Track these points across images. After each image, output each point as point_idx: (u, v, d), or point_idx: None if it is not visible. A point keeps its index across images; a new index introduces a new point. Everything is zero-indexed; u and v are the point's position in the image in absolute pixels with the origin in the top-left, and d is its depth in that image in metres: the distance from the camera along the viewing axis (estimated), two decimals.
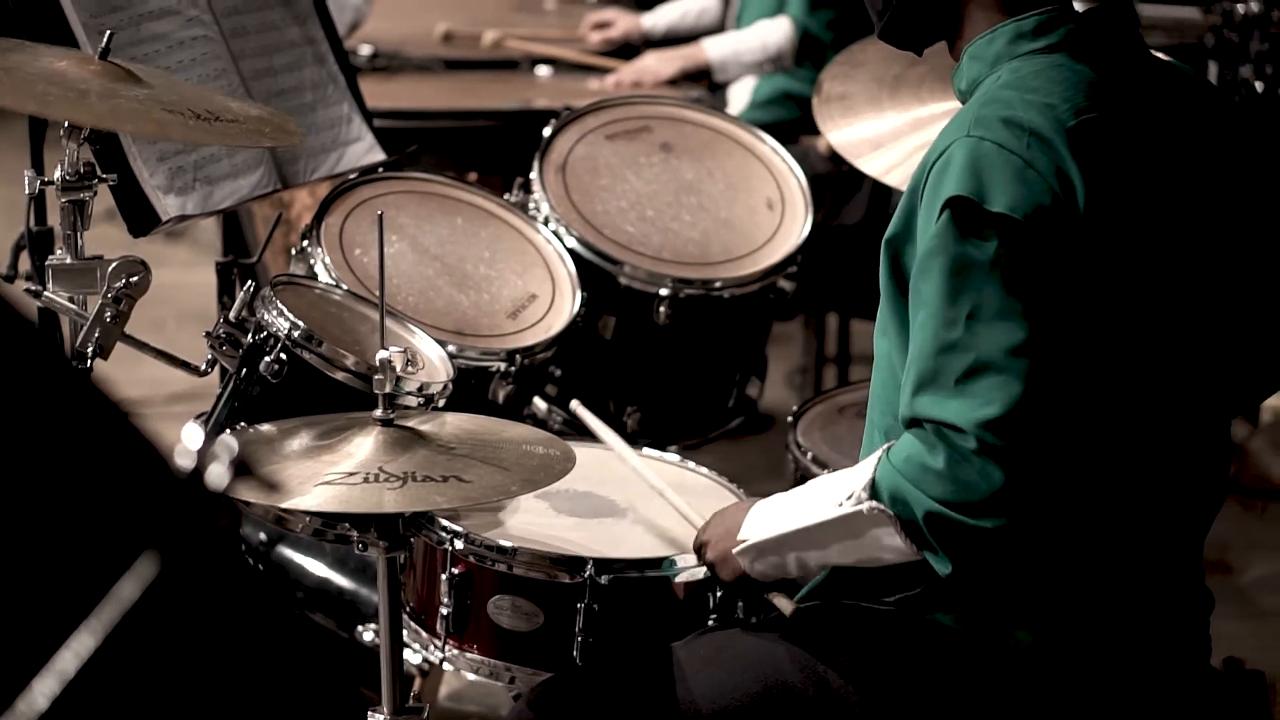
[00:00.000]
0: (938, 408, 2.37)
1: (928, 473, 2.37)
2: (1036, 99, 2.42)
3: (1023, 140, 2.38)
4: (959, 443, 2.34)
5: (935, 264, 2.38)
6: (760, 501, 2.69)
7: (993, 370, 2.35)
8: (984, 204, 2.35)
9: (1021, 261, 2.35)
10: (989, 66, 2.53)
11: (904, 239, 2.50)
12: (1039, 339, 2.35)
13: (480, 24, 5.61)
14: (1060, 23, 2.51)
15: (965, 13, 2.57)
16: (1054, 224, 2.36)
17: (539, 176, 3.71)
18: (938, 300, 2.38)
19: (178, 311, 5.93)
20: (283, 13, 3.51)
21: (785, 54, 4.98)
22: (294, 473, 2.63)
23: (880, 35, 2.70)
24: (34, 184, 3.07)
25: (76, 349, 2.92)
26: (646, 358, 3.67)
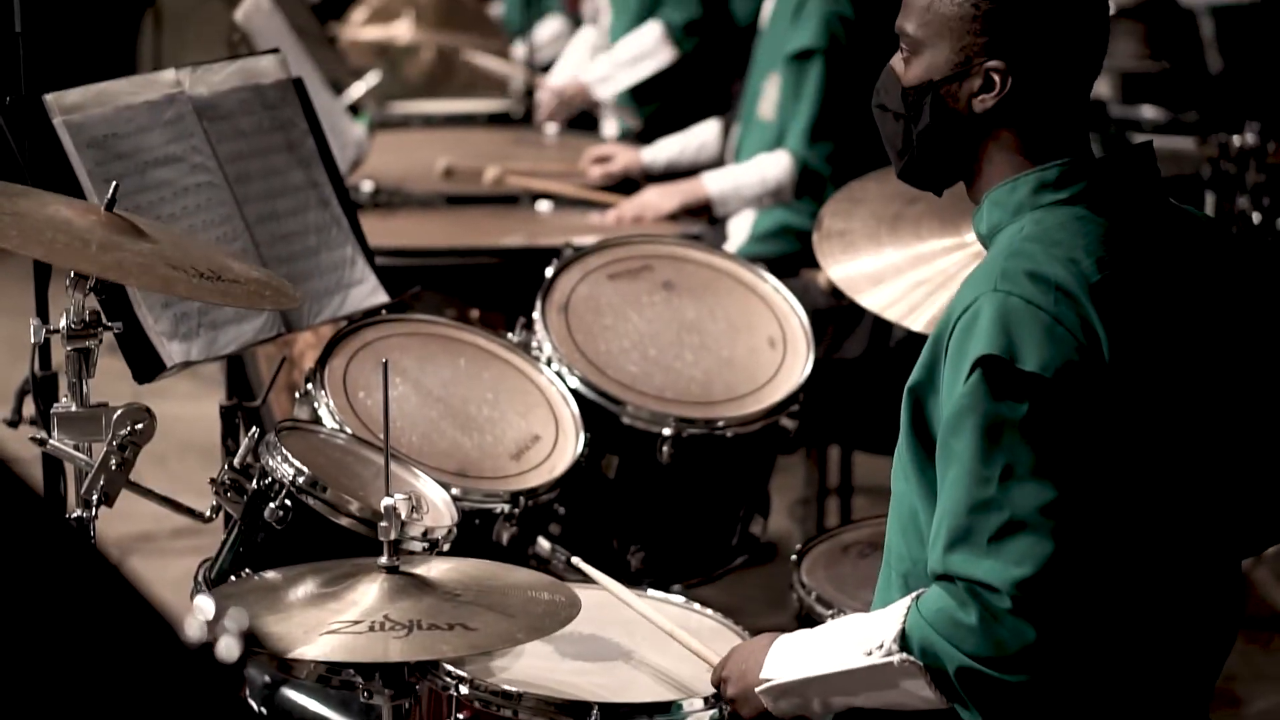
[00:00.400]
0: (971, 566, 2.38)
1: (960, 628, 2.38)
2: (1060, 253, 2.44)
3: (1050, 296, 2.40)
4: (993, 602, 2.36)
5: (967, 423, 2.40)
6: (781, 638, 2.69)
7: (1027, 530, 2.36)
8: (1015, 363, 2.36)
9: (1053, 420, 2.37)
10: (1011, 215, 2.55)
11: (927, 388, 2.52)
12: (1070, 496, 2.37)
13: (481, 159, 5.64)
14: (1082, 174, 2.54)
15: (984, 156, 2.60)
16: (1082, 379, 2.38)
17: (541, 317, 3.72)
18: (970, 459, 2.40)
19: (179, 445, 5.94)
20: (287, 158, 3.54)
21: (785, 188, 5.00)
22: (299, 621, 2.63)
23: (900, 175, 2.72)
24: (39, 332, 3.08)
25: (82, 496, 2.92)
26: (650, 497, 3.68)
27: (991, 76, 2.54)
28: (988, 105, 2.56)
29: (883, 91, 2.69)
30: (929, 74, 2.59)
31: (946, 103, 2.59)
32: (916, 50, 2.60)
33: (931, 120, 2.60)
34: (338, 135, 4.62)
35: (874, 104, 2.71)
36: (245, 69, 3.54)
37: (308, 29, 6.19)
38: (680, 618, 3.16)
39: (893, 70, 2.66)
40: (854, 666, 2.51)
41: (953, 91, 2.58)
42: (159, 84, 3.40)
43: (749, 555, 3.86)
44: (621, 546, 3.68)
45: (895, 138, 2.68)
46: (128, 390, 3.22)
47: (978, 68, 2.55)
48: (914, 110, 2.62)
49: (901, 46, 2.64)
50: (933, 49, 2.58)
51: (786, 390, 3.74)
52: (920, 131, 2.62)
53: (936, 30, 2.57)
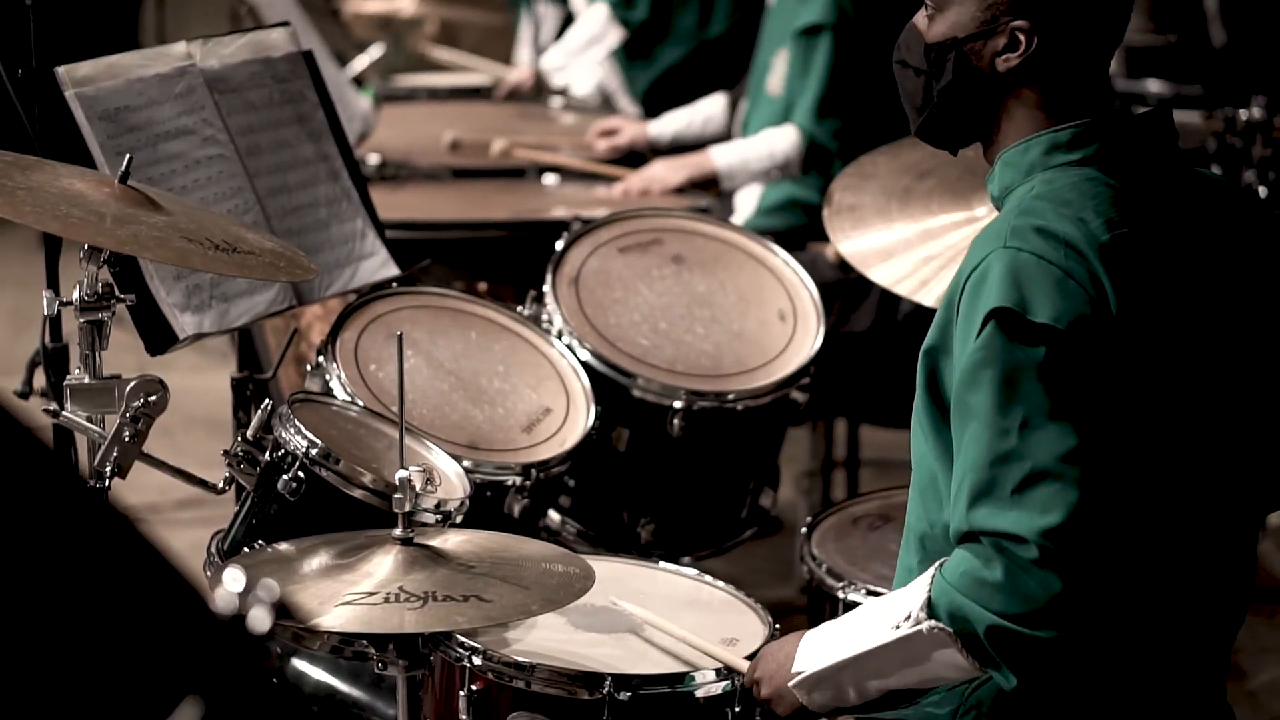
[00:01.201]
0: (996, 519, 2.38)
1: (986, 586, 2.38)
2: (1069, 212, 2.44)
3: (1060, 251, 2.40)
4: (1020, 553, 2.36)
5: (984, 375, 2.40)
6: (809, 632, 2.69)
7: (1050, 478, 2.36)
8: (1027, 314, 2.37)
9: (1068, 369, 2.38)
10: (1022, 175, 2.56)
11: (940, 350, 2.52)
12: (1090, 445, 2.37)
13: (487, 132, 5.63)
14: (1096, 135, 2.54)
15: (1005, 115, 2.60)
16: (1094, 332, 2.38)
17: (552, 290, 3.73)
18: (989, 410, 2.40)
19: (184, 417, 5.94)
20: (297, 130, 3.54)
21: (792, 162, 5.01)
22: (313, 592, 2.64)
23: (917, 132, 2.71)
24: (52, 305, 3.09)
25: (95, 468, 2.93)
26: (660, 470, 3.68)
27: (1017, 35, 2.54)
28: (1011, 64, 2.56)
29: (904, 48, 2.68)
30: (953, 31, 2.59)
31: (970, 60, 2.58)
32: (941, 7, 2.60)
33: (954, 78, 2.60)
34: (344, 108, 4.62)
35: (894, 60, 2.70)
36: (256, 42, 3.54)
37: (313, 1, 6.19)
38: (692, 590, 3.17)
39: (915, 27, 2.66)
40: (884, 642, 2.50)
41: (976, 49, 2.58)
42: (170, 56, 3.40)
43: (758, 527, 3.87)
44: (632, 519, 3.69)
45: (915, 94, 2.67)
46: (133, 362, 3.23)
47: (1003, 26, 2.55)
48: (936, 67, 2.61)
49: (926, 3, 2.64)
50: (958, 6, 2.58)
51: (797, 363, 3.74)
52: (942, 88, 2.62)
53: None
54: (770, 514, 3.89)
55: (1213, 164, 5.02)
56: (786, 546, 5.18)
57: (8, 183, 2.82)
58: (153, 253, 2.81)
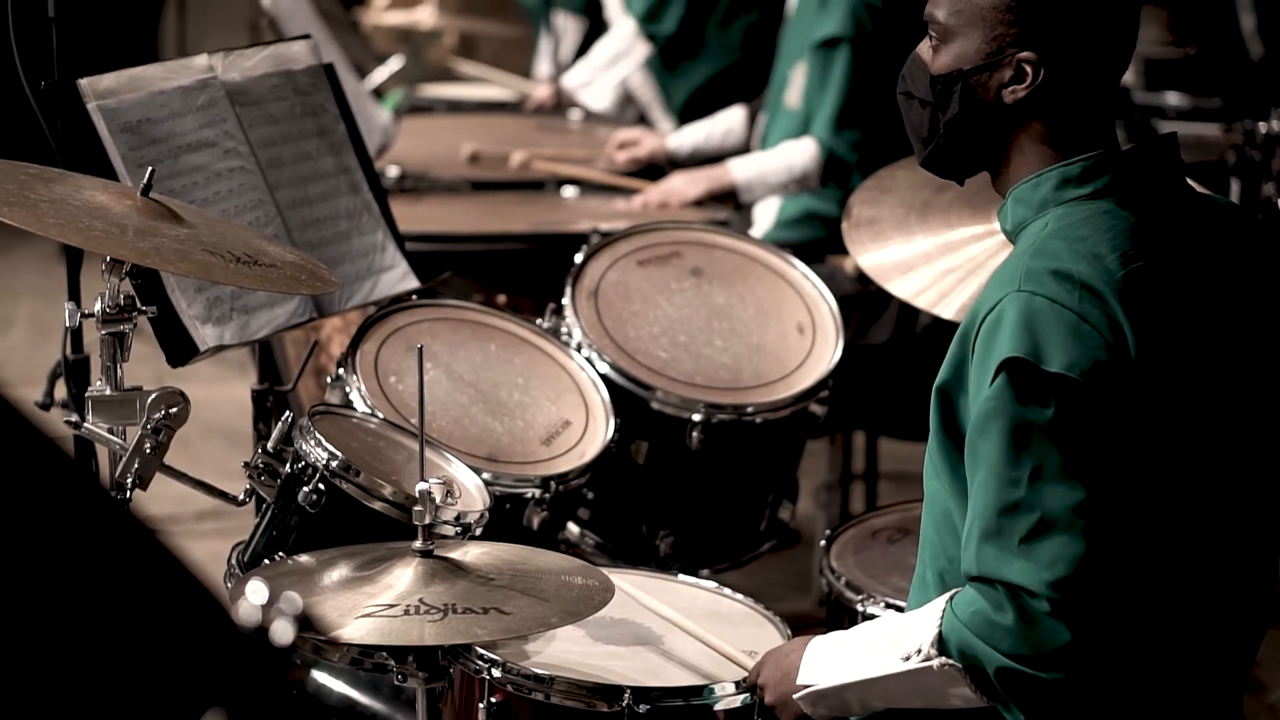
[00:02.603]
0: (1004, 568, 2.39)
1: (996, 629, 2.39)
2: (1085, 249, 2.43)
3: (1074, 294, 2.39)
4: (1029, 603, 2.38)
5: (994, 426, 2.40)
6: (815, 640, 2.69)
7: (1057, 530, 2.37)
8: (1041, 364, 2.36)
9: (1080, 420, 2.37)
10: (1035, 211, 2.55)
11: (955, 386, 2.52)
12: (1100, 495, 2.37)
13: (506, 144, 5.64)
14: (1106, 168, 2.53)
15: (1012, 147, 2.59)
16: (1110, 377, 2.37)
17: (571, 302, 3.73)
18: (998, 461, 2.40)
19: (203, 428, 5.95)
20: (318, 143, 3.55)
21: (810, 175, 5.01)
22: (334, 604, 2.64)
23: (923, 163, 2.71)
24: (74, 317, 3.10)
25: (116, 480, 2.94)
26: (679, 482, 3.69)
27: (1024, 67, 2.54)
28: (1018, 96, 2.55)
29: (909, 79, 2.68)
30: (959, 63, 2.58)
31: (976, 92, 2.58)
32: (946, 38, 2.60)
33: (960, 109, 2.59)
34: (364, 121, 4.63)
35: (899, 91, 2.70)
36: (277, 54, 3.55)
37: (333, 14, 6.21)
38: (711, 603, 3.17)
39: (919, 58, 2.65)
40: (893, 671, 2.51)
41: (983, 81, 2.57)
42: (192, 69, 3.41)
43: (777, 540, 3.87)
44: (651, 532, 3.69)
45: (921, 126, 2.67)
46: (152, 372, 3.24)
47: (1009, 58, 2.54)
48: (942, 99, 2.61)
49: (930, 34, 2.63)
50: (964, 37, 2.57)
51: (816, 376, 3.75)
52: (948, 120, 2.61)
53: (969, 19, 2.56)
54: (789, 527, 3.89)
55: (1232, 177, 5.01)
56: (804, 558, 5.18)
57: (31, 195, 2.83)
58: (174, 265, 2.82)
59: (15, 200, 2.79)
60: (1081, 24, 2.53)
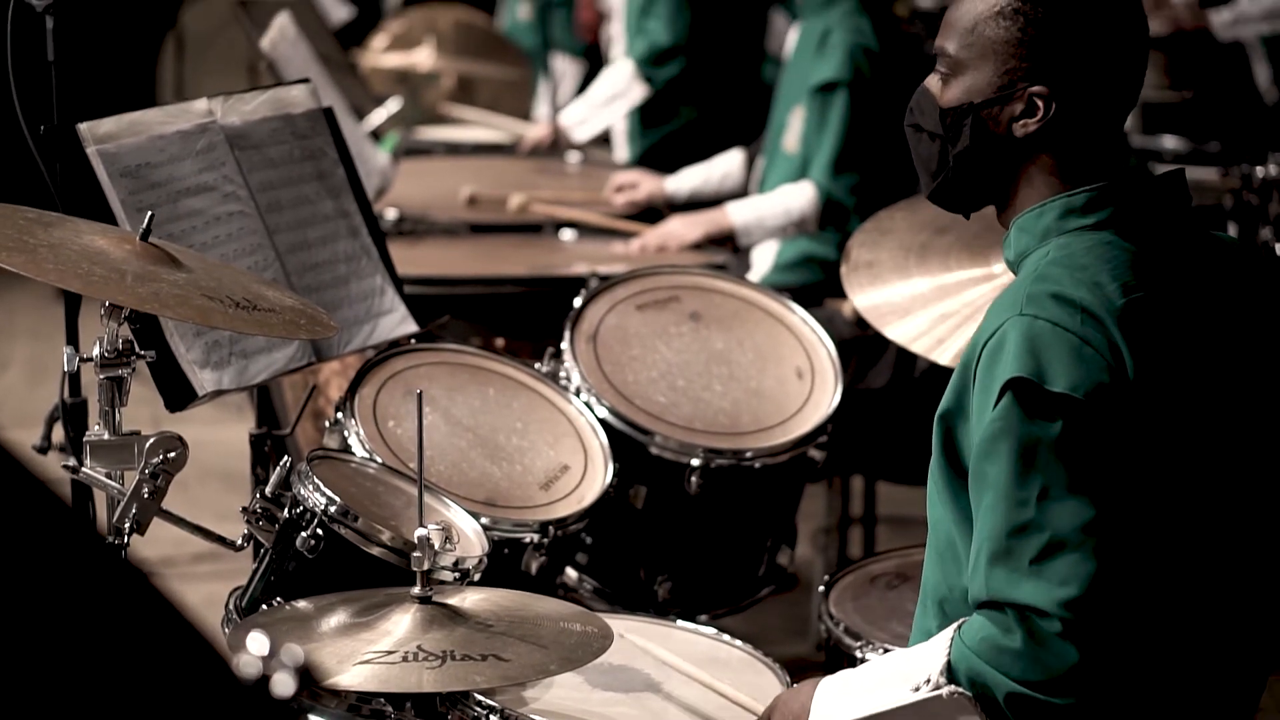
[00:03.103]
0: (1014, 589, 2.38)
1: (1006, 654, 2.39)
2: (1085, 277, 2.44)
3: (1076, 317, 2.40)
4: (1039, 624, 2.37)
5: (1000, 446, 2.40)
6: (825, 681, 2.68)
7: (1067, 549, 2.37)
8: (1044, 384, 2.37)
9: (1085, 440, 2.38)
10: (1038, 240, 2.56)
11: (957, 414, 2.52)
12: (1108, 515, 2.37)
13: (505, 187, 5.64)
14: (1110, 199, 2.54)
15: (1021, 180, 2.60)
16: (1112, 400, 2.38)
17: (570, 347, 3.73)
18: (1006, 482, 2.40)
19: (200, 470, 5.94)
20: (317, 187, 3.55)
21: (809, 218, 5.02)
22: (332, 651, 2.63)
23: (930, 196, 2.71)
24: (72, 361, 3.09)
25: (114, 524, 2.93)
26: (678, 527, 3.68)
27: (1035, 101, 2.54)
28: (1029, 130, 2.56)
29: (917, 111, 2.68)
30: (969, 96, 2.59)
31: (987, 125, 2.58)
32: (957, 71, 2.60)
33: (971, 143, 2.60)
34: (363, 163, 4.63)
35: (907, 123, 2.70)
36: (276, 98, 3.55)
37: (331, 56, 6.22)
38: (710, 649, 3.16)
39: (928, 91, 2.65)
40: (903, 703, 2.50)
41: (993, 114, 2.58)
42: (191, 113, 3.41)
43: (775, 585, 3.86)
44: (649, 576, 3.68)
45: (930, 159, 2.67)
46: (148, 414, 3.23)
47: (1021, 92, 2.55)
48: (952, 132, 2.61)
49: (939, 66, 2.63)
50: (975, 71, 2.58)
51: (814, 421, 3.74)
52: (959, 153, 2.61)
53: (980, 52, 2.57)
54: (787, 571, 3.89)
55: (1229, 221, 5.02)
56: (802, 602, 5.17)
57: (30, 240, 2.83)
58: (174, 311, 2.82)
59: (14, 245, 2.78)
60: (1092, 58, 2.53)
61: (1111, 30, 2.55)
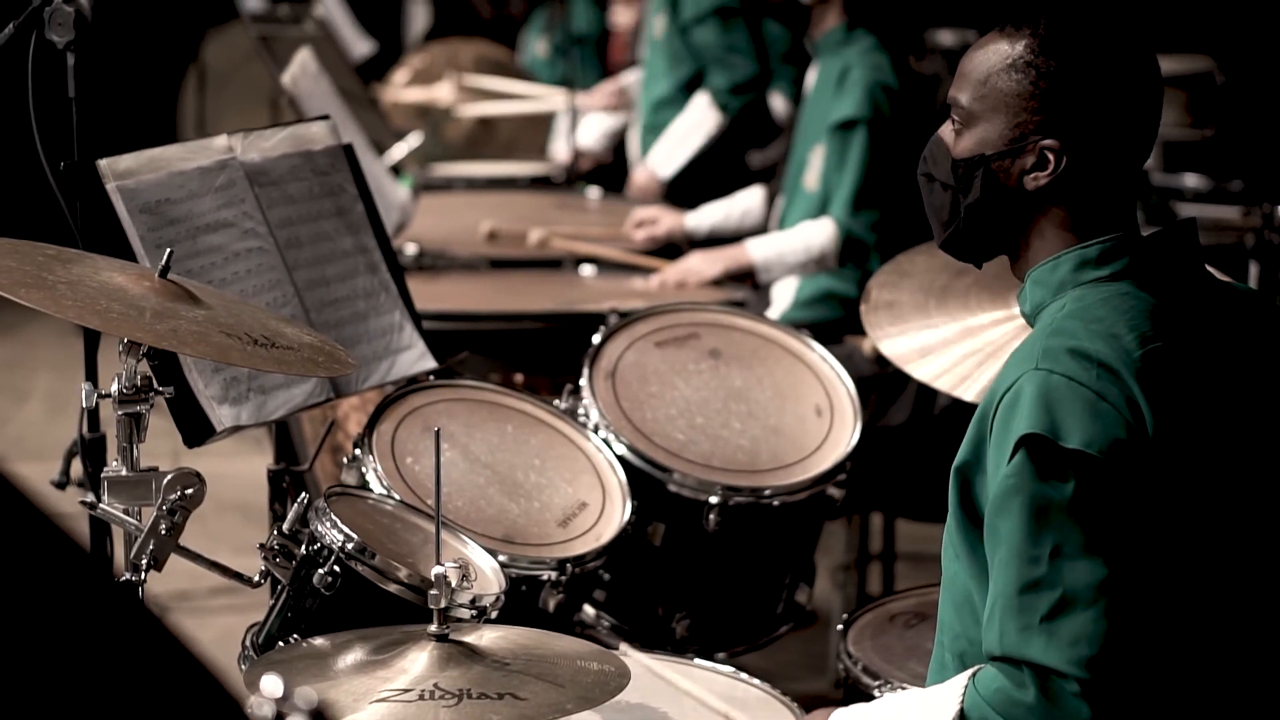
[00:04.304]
0: (1027, 647, 2.38)
1: (1018, 707, 2.38)
2: (1102, 329, 2.44)
3: (1092, 372, 2.39)
4: (1051, 682, 2.37)
5: (1014, 503, 2.39)
6: (837, 714, 2.68)
7: (1079, 607, 2.36)
8: (1059, 441, 2.36)
9: (1100, 497, 2.37)
10: (1053, 293, 2.55)
11: (974, 467, 2.51)
12: (1121, 573, 2.36)
13: (524, 222, 5.65)
14: (1124, 251, 2.53)
15: (1033, 232, 2.59)
16: (1129, 454, 2.37)
17: (588, 384, 3.73)
18: (1019, 539, 2.39)
19: (218, 504, 5.94)
20: (336, 223, 3.56)
21: (829, 255, 5.02)
22: (348, 689, 2.62)
23: (942, 245, 2.71)
24: (91, 397, 3.09)
25: (131, 561, 2.93)
26: (696, 565, 3.67)
27: (1046, 155, 2.54)
28: (1040, 184, 2.56)
29: (930, 161, 2.68)
30: (981, 148, 2.59)
31: (998, 177, 2.58)
32: (969, 122, 2.60)
33: (982, 194, 2.60)
34: (383, 199, 4.64)
35: (920, 172, 2.70)
36: (296, 135, 3.56)
37: (352, 91, 6.23)
38: (728, 687, 3.15)
39: (941, 140, 2.66)
40: None
41: (1005, 167, 2.57)
42: (211, 150, 3.42)
43: (794, 623, 3.85)
44: (667, 614, 3.67)
45: (942, 209, 2.67)
46: (167, 448, 3.23)
47: (1032, 145, 2.55)
48: (964, 183, 2.61)
49: (952, 117, 2.63)
50: (987, 123, 2.58)
51: (833, 459, 3.73)
52: (969, 205, 2.61)
53: (992, 105, 2.57)
54: (805, 609, 3.87)
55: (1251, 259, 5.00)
56: (820, 639, 5.15)
57: (49, 276, 2.83)
58: (192, 348, 2.82)
59: (33, 282, 2.79)
60: (1105, 113, 2.53)
61: (1124, 85, 2.54)
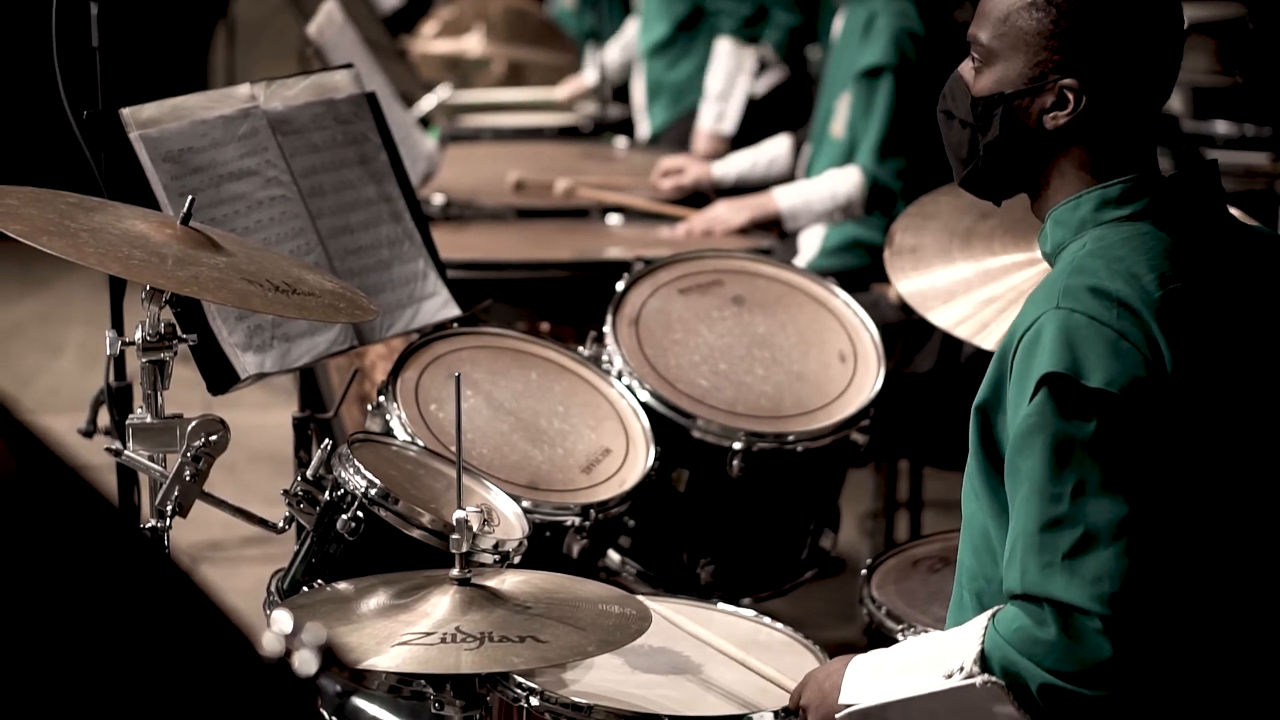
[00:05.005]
0: (1048, 584, 2.38)
1: (1039, 645, 2.38)
2: (1122, 268, 2.43)
3: (1113, 311, 2.39)
4: (1072, 619, 2.37)
5: (1035, 442, 2.39)
6: (856, 659, 2.68)
7: (1101, 545, 2.36)
8: (1080, 379, 2.36)
9: (1121, 435, 2.37)
10: (1073, 232, 2.54)
11: (994, 406, 2.51)
12: (1142, 510, 2.36)
13: (551, 172, 5.64)
14: (1145, 190, 2.52)
15: (1052, 171, 2.59)
16: (1149, 393, 2.37)
17: (612, 330, 3.73)
18: (1040, 477, 2.39)
19: (248, 454, 5.97)
20: (359, 171, 3.56)
21: (855, 203, 5.00)
22: (371, 632, 2.64)
23: (961, 183, 2.71)
24: (115, 345, 3.11)
25: (156, 507, 2.95)
26: (720, 511, 3.68)
27: (1065, 94, 2.53)
28: (1059, 123, 2.55)
29: (949, 98, 2.68)
30: (1000, 86, 2.58)
31: (1017, 116, 2.58)
32: (989, 61, 2.59)
33: (1000, 133, 2.59)
34: (409, 149, 4.64)
35: (939, 109, 2.70)
36: (319, 84, 3.56)
37: (379, 42, 6.23)
38: (751, 631, 3.16)
39: (961, 78, 2.65)
40: (935, 689, 2.50)
41: (1024, 106, 2.57)
42: (234, 98, 3.43)
43: (818, 569, 3.86)
44: (691, 560, 3.68)
45: (960, 146, 2.67)
46: (198, 399, 3.25)
47: (1052, 84, 2.54)
48: (983, 121, 2.61)
49: (972, 54, 2.63)
50: (1006, 61, 2.57)
51: (857, 405, 3.74)
52: (988, 143, 2.61)
53: (1012, 43, 2.56)
54: (831, 555, 3.88)
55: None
56: (849, 587, 5.14)
57: (71, 224, 2.84)
58: (213, 294, 2.83)
59: (55, 229, 2.80)
60: (1125, 52, 2.52)
61: (1144, 24, 2.53)
